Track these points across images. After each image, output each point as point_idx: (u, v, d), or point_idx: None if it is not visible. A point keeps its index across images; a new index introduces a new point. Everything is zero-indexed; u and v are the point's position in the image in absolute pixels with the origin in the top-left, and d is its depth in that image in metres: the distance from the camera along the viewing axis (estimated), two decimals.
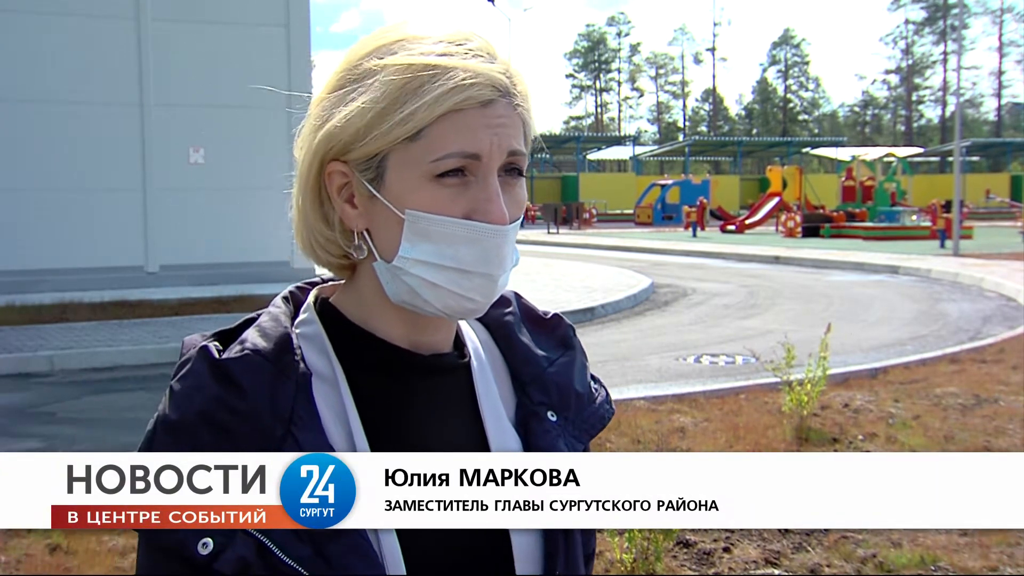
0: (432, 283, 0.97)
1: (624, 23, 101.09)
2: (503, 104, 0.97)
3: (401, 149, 0.96)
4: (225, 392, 0.94)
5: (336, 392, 1.00)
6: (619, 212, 51.97)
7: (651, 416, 7.06)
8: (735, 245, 27.27)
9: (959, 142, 25.03)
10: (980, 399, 7.52)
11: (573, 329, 1.17)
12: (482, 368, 1.08)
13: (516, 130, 0.98)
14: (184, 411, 0.94)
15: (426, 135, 0.94)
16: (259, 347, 0.97)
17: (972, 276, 17.42)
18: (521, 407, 1.08)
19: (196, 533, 0.90)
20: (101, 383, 9.25)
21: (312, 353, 1.01)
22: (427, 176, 0.95)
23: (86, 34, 15.70)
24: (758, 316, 13.58)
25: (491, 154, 0.95)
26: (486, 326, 1.13)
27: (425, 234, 0.96)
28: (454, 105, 0.94)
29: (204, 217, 15.99)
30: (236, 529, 0.90)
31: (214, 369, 0.95)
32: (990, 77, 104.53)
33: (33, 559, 4.41)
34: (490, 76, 0.96)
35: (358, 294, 1.05)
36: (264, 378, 0.95)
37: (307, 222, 1.04)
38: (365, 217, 1.00)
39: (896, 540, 4.60)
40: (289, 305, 1.07)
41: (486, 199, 0.96)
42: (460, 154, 0.95)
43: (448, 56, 0.95)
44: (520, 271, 20.04)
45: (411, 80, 0.94)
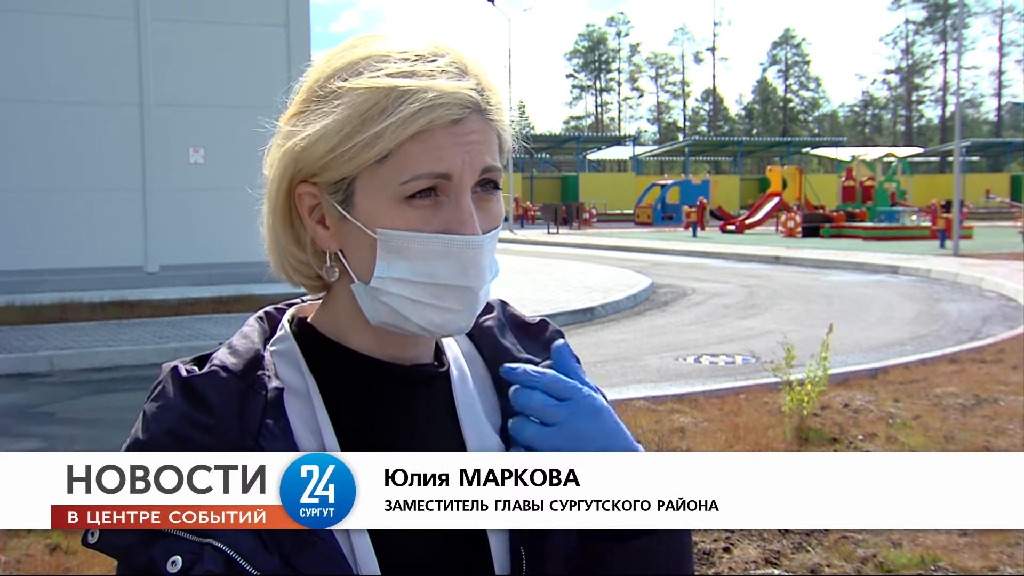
0: (412, 300, 0.95)
1: (624, 23, 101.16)
2: (475, 120, 0.94)
3: (369, 172, 0.94)
4: (192, 409, 0.94)
5: (309, 406, 0.99)
6: (619, 212, 51.96)
7: (651, 416, 7.06)
8: (735, 245, 27.27)
9: (959, 142, 25.02)
10: (980, 399, 7.52)
11: (561, 333, 1.14)
12: (462, 377, 1.07)
13: (490, 145, 0.96)
14: (153, 431, 0.94)
15: (394, 157, 0.92)
16: (226, 364, 0.97)
17: (972, 276, 17.42)
18: (505, 413, 1.05)
19: (168, 550, 0.89)
20: (101, 383, 9.25)
21: (285, 369, 1.01)
22: (397, 198, 0.93)
23: (86, 34, 15.69)
24: (758, 316, 13.58)
25: (462, 173, 0.94)
26: (469, 335, 1.12)
27: (399, 252, 0.94)
28: (421, 126, 0.92)
29: (204, 217, 15.98)
30: (205, 543, 0.89)
31: (182, 387, 0.95)
32: (990, 77, 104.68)
33: (33, 559, 4.41)
34: (458, 94, 0.93)
35: (334, 311, 1.03)
36: (231, 394, 0.95)
37: (278, 243, 1.03)
38: (337, 238, 0.98)
39: (896, 540, 4.60)
40: (264, 324, 1.06)
41: (459, 220, 0.94)
42: (429, 175, 0.93)
43: (414, 76, 0.93)
44: (520, 271, 19.98)
45: (376, 103, 0.92)
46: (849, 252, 23.49)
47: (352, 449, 0.98)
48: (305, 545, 0.91)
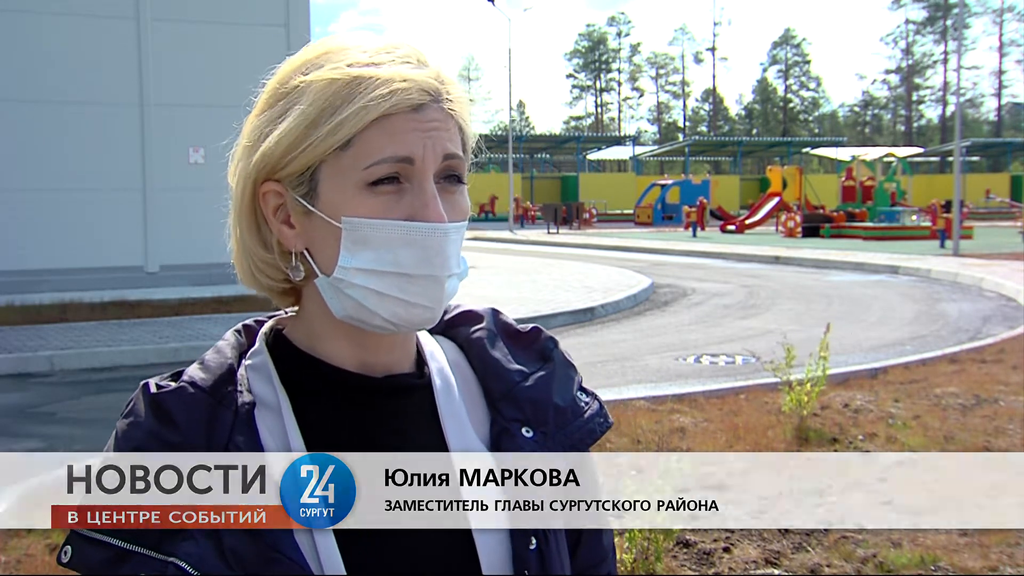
0: (376, 291, 0.95)
1: (624, 23, 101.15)
2: (435, 108, 0.95)
3: (333, 160, 0.94)
4: (159, 426, 0.94)
5: (280, 420, 0.99)
6: (619, 212, 51.96)
7: (651, 416, 7.06)
8: (735, 245, 27.27)
9: (959, 142, 25.02)
10: (980, 399, 7.52)
11: (555, 341, 1.12)
12: (446, 387, 1.05)
13: (451, 134, 0.97)
14: (121, 448, 0.95)
15: (356, 143, 0.93)
16: (195, 379, 0.97)
17: (972, 276, 17.42)
18: (494, 424, 1.04)
19: (134, 569, 0.90)
20: (101, 383, 9.26)
21: (259, 383, 1.00)
22: (360, 185, 0.94)
23: (86, 34, 15.70)
24: (758, 316, 13.58)
25: (424, 157, 0.94)
26: (458, 345, 1.11)
27: (363, 241, 0.94)
28: (384, 111, 0.92)
29: (204, 217, 15.89)
30: (168, 562, 0.90)
31: (150, 404, 0.96)
32: (990, 77, 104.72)
33: (33, 559, 4.41)
34: (419, 80, 0.94)
35: (306, 320, 1.03)
36: (199, 410, 0.95)
37: (245, 247, 1.03)
38: (303, 236, 0.98)
39: (896, 540, 4.60)
40: (242, 337, 1.06)
41: (422, 204, 0.94)
42: (392, 158, 0.93)
43: (375, 66, 0.94)
44: (520, 271, 19.96)
45: (339, 90, 0.93)
46: (849, 252, 23.49)
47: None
48: (269, 562, 0.90)
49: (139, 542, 0.91)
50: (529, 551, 1.00)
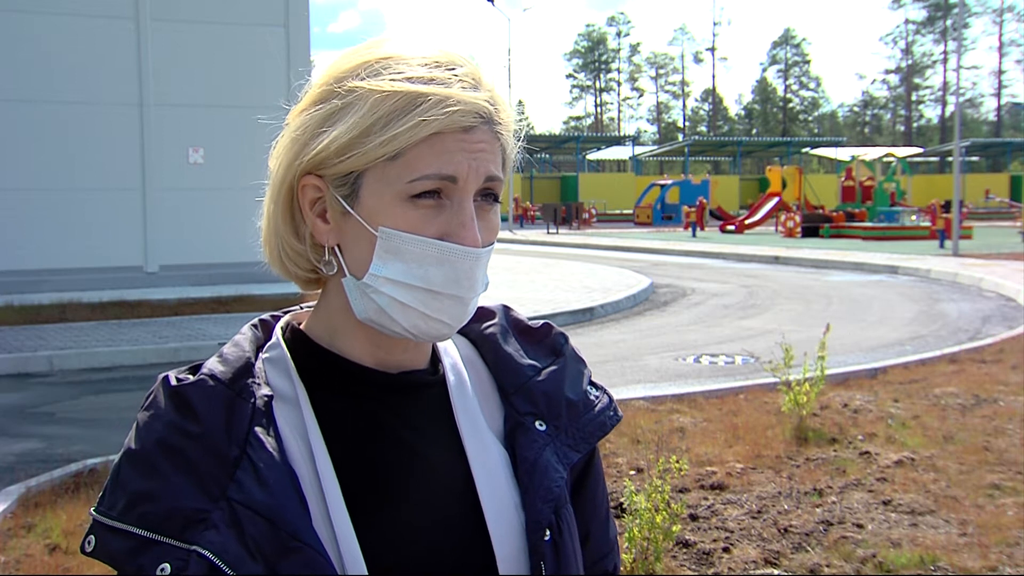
0: (401, 303, 0.97)
1: (624, 23, 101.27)
2: (484, 130, 0.97)
3: (378, 168, 0.96)
4: (180, 417, 0.95)
5: (298, 412, 1.00)
6: (619, 212, 51.97)
7: (651, 416, 7.06)
8: (734, 245, 27.27)
9: (959, 142, 25.01)
10: (979, 399, 7.52)
11: (565, 337, 1.15)
12: (460, 383, 1.07)
13: (495, 156, 0.99)
14: (144, 440, 0.95)
15: (404, 156, 0.95)
16: (215, 372, 0.98)
17: (971, 276, 17.42)
18: (508, 419, 1.07)
19: (157, 558, 0.91)
20: (100, 383, 9.25)
21: (276, 376, 1.02)
22: (402, 196, 0.95)
23: (86, 34, 15.69)
24: (757, 316, 13.58)
25: (468, 178, 0.96)
26: (471, 340, 1.13)
27: (397, 252, 0.96)
28: (434, 130, 0.94)
29: (204, 217, 15.97)
30: (192, 550, 0.90)
31: (171, 396, 0.96)
32: (990, 77, 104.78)
33: (33, 559, 4.40)
34: (474, 103, 0.96)
35: (326, 313, 1.05)
36: (219, 402, 0.96)
37: (277, 233, 1.04)
38: (336, 233, 1.00)
39: (896, 540, 4.60)
40: (258, 331, 1.07)
41: (460, 223, 0.96)
42: (437, 176, 0.95)
43: (433, 82, 0.96)
44: (520, 271, 19.94)
45: (396, 104, 0.94)
46: (849, 252, 23.49)
47: (344, 455, 0.98)
48: (289, 551, 0.91)
49: (162, 531, 0.91)
50: (544, 542, 1.01)
